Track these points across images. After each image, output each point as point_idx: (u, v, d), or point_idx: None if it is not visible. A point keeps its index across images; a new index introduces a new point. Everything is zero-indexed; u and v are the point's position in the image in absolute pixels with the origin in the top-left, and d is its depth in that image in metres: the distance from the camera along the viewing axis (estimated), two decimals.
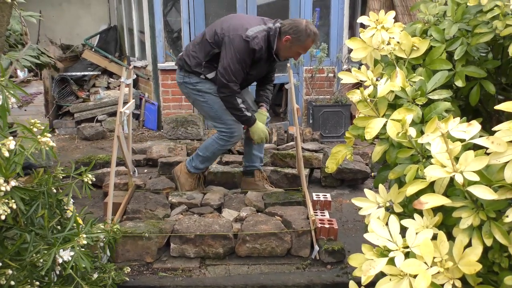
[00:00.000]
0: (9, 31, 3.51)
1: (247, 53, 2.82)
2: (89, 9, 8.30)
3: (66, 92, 6.01)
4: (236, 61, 2.81)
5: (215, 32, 2.90)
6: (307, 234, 2.63)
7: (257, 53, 2.84)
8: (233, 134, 3.05)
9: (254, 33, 2.83)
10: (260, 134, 3.06)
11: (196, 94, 3.05)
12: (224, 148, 3.14)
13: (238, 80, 2.87)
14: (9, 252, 1.42)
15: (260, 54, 2.86)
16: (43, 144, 1.43)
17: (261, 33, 2.85)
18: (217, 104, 3.00)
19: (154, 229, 2.61)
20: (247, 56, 2.83)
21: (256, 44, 2.80)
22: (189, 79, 3.03)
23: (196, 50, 2.99)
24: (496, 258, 1.10)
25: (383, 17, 1.46)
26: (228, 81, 2.84)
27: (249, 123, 3.02)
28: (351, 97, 1.39)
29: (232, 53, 2.81)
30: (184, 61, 3.02)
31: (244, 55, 2.82)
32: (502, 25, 1.36)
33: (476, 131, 1.06)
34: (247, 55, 2.82)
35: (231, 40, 2.81)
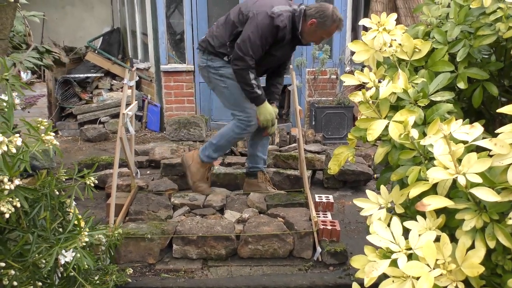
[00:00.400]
0: (13, 32, 3.53)
1: (269, 30, 2.76)
2: (92, 11, 8.33)
3: (69, 94, 6.03)
4: (256, 35, 2.76)
5: (239, 11, 2.88)
6: (310, 236, 2.63)
7: (281, 32, 2.78)
8: (250, 123, 3.01)
9: (280, 10, 2.78)
10: (267, 115, 2.98)
11: (218, 79, 3.02)
12: (239, 136, 3.10)
13: (255, 56, 2.80)
14: (11, 253, 1.43)
15: (284, 33, 2.80)
16: (47, 142, 1.44)
17: (286, 13, 2.79)
18: (237, 90, 2.95)
19: (156, 230, 2.61)
20: (269, 33, 2.77)
21: (281, 22, 2.75)
22: (212, 62, 2.99)
23: (220, 30, 2.95)
24: (499, 260, 1.09)
25: (385, 20, 1.46)
26: (244, 53, 2.77)
27: (258, 101, 2.94)
28: (353, 98, 1.39)
29: (254, 27, 2.76)
30: (207, 43, 2.98)
31: (267, 31, 2.76)
32: (505, 27, 1.35)
33: (479, 133, 1.06)
34: (270, 31, 2.77)
35: (256, 15, 2.77)
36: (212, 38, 2.97)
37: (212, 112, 5.53)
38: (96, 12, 8.32)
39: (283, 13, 2.77)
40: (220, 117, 5.51)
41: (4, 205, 1.32)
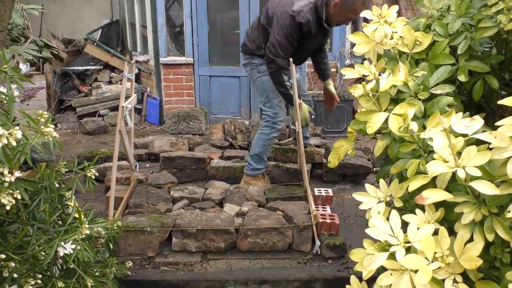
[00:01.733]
0: (11, 25, 3.51)
1: (293, 28, 2.88)
2: (91, 3, 8.28)
3: (68, 86, 6.02)
4: (282, 36, 2.89)
5: (266, 13, 3.05)
6: (309, 229, 2.64)
7: (305, 27, 2.89)
8: (277, 119, 3.17)
9: (299, 7, 2.89)
10: (305, 113, 3.17)
11: (256, 74, 3.22)
12: (270, 136, 3.22)
13: (286, 55, 2.93)
14: (11, 245, 1.43)
15: (308, 27, 2.91)
16: (47, 134, 1.43)
17: (307, 6, 2.90)
18: (270, 86, 3.13)
19: (156, 223, 2.61)
20: (293, 31, 2.89)
21: (302, 18, 2.86)
22: (253, 60, 3.21)
23: (254, 34, 3.17)
24: (498, 253, 1.09)
25: (386, 12, 1.45)
26: (275, 55, 2.92)
27: (292, 102, 3.09)
28: (353, 91, 1.38)
29: (279, 28, 2.90)
30: (246, 47, 3.22)
31: (291, 30, 2.88)
32: (507, 19, 1.34)
33: (479, 126, 1.05)
34: (294, 29, 2.89)
35: (279, 17, 2.91)
36: (250, 42, 3.20)
37: (212, 105, 5.52)
38: (95, 4, 8.28)
39: (303, 9, 2.89)
40: (219, 111, 5.51)
41: (5, 197, 1.32)
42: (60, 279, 1.56)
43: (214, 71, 5.42)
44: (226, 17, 5.34)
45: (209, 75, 5.42)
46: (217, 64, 5.42)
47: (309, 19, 2.89)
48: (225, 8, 5.33)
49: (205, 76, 5.44)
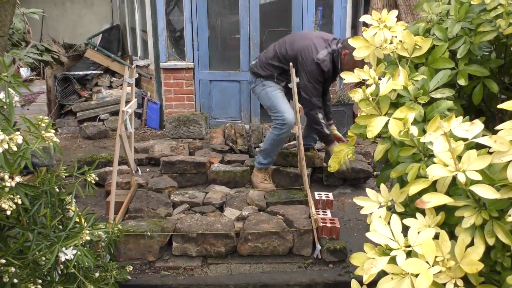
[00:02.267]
0: (12, 29, 3.52)
1: (319, 74, 3.25)
2: (92, 8, 8.32)
3: (68, 91, 6.03)
4: (312, 80, 3.26)
5: (286, 49, 3.36)
6: (309, 233, 2.63)
7: (326, 74, 3.27)
8: (284, 121, 3.29)
9: (323, 56, 3.23)
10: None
11: (260, 87, 3.47)
12: (279, 138, 3.36)
13: (318, 95, 3.32)
14: (12, 250, 1.43)
15: (328, 74, 3.28)
16: (47, 139, 1.44)
17: (328, 56, 3.25)
18: (274, 93, 3.39)
19: (156, 228, 2.61)
20: (319, 76, 3.26)
21: (325, 66, 3.22)
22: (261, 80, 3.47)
23: (268, 65, 3.43)
24: (499, 257, 1.09)
25: (385, 16, 1.46)
26: (310, 96, 3.28)
27: (326, 141, 3.48)
28: (353, 96, 1.38)
29: (307, 74, 3.25)
30: (257, 72, 3.48)
31: (317, 75, 3.25)
32: (506, 24, 1.35)
33: (479, 130, 1.05)
34: (319, 75, 3.25)
35: (305, 62, 3.24)
36: (262, 69, 3.45)
37: (212, 110, 5.52)
38: (96, 9, 8.31)
39: (326, 59, 3.24)
40: (220, 115, 5.51)
41: (6, 202, 1.32)
42: (61, 284, 1.56)
43: (214, 75, 5.43)
44: (226, 21, 5.36)
45: (209, 80, 5.43)
46: (217, 68, 5.43)
47: (329, 68, 3.25)
48: (225, 13, 5.34)
49: (205, 81, 5.45)
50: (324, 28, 5.35)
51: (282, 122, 3.29)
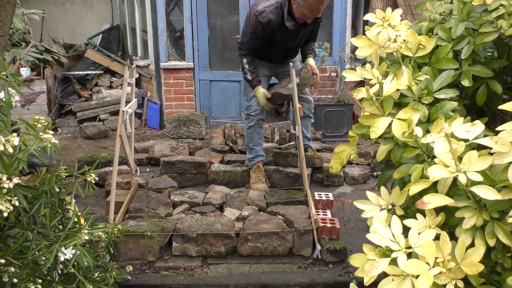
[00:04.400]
0: (12, 29, 3.52)
1: (255, 26, 3.12)
2: (92, 8, 8.31)
3: (68, 91, 6.03)
4: (247, 30, 3.21)
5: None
6: (309, 234, 2.63)
7: (267, 26, 3.09)
8: (250, 108, 3.39)
9: (263, 7, 3.09)
10: (260, 99, 3.30)
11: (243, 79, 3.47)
12: (250, 126, 3.45)
13: (247, 46, 3.23)
14: (11, 250, 1.43)
15: (271, 26, 3.09)
16: (46, 140, 1.43)
17: (271, 7, 3.08)
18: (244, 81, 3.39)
19: (156, 228, 2.61)
20: (255, 29, 3.13)
21: (263, 18, 3.07)
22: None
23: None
24: (499, 258, 1.09)
25: (389, 15, 1.45)
26: (240, 43, 3.27)
27: (251, 85, 3.31)
28: (356, 95, 1.37)
29: (246, 24, 3.23)
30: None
31: (253, 28, 3.14)
32: (507, 25, 1.34)
33: (480, 131, 1.05)
34: (255, 27, 3.13)
35: (248, 14, 3.22)
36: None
37: (212, 110, 5.52)
38: (96, 9, 8.31)
39: (265, 9, 3.07)
40: (219, 115, 5.51)
41: (3, 204, 1.31)
42: (60, 284, 1.56)
43: (214, 75, 5.43)
44: (226, 22, 5.36)
45: (209, 80, 5.43)
46: (217, 68, 5.43)
47: (270, 19, 3.06)
48: (225, 13, 5.34)
49: (205, 81, 5.45)
50: (324, 28, 5.35)
51: (249, 109, 3.41)
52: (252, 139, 3.50)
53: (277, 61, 3.48)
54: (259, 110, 3.40)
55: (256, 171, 3.47)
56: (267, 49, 3.31)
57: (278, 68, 3.53)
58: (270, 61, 3.46)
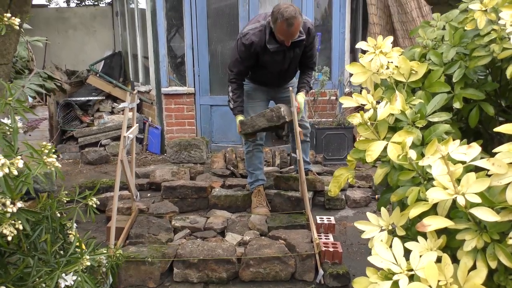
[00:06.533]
0: (16, 57, 3.58)
1: (240, 49, 3.14)
2: (95, 35, 8.46)
3: (70, 117, 6.08)
4: (233, 54, 3.24)
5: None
6: (312, 258, 2.61)
7: (251, 48, 3.10)
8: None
9: (247, 30, 3.13)
10: (238, 128, 3.25)
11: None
12: (248, 151, 3.47)
13: (235, 70, 3.23)
14: (12, 277, 1.42)
15: (254, 48, 3.10)
16: (49, 164, 1.45)
17: (256, 29, 3.10)
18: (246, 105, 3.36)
19: (157, 253, 2.59)
20: (240, 52, 3.15)
21: (246, 40, 3.09)
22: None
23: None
24: (502, 280, 1.09)
25: (381, 42, 1.49)
26: (228, 68, 3.28)
27: (233, 113, 3.33)
28: (352, 120, 1.40)
29: (233, 48, 3.27)
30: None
31: (239, 51, 3.16)
32: (499, 49, 1.38)
33: (476, 153, 1.07)
34: (240, 50, 3.14)
35: (237, 38, 3.23)
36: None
37: (213, 134, 5.55)
38: (99, 36, 8.46)
39: (249, 32, 3.11)
40: (220, 139, 5.53)
41: (7, 228, 1.32)
42: None
43: (215, 100, 5.48)
44: (226, 47, 5.44)
45: (210, 105, 5.48)
46: (218, 93, 5.48)
47: (252, 41, 3.07)
48: (226, 39, 5.43)
49: (206, 106, 5.50)
50: (323, 52, 5.44)
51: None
52: (251, 164, 3.50)
53: (272, 85, 3.46)
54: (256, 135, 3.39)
55: (257, 195, 3.46)
56: (259, 72, 3.32)
57: (276, 93, 3.52)
58: (266, 85, 3.46)
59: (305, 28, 3.14)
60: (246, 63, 3.20)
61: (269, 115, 3.07)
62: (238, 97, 3.28)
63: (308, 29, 3.16)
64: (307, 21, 3.19)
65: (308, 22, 3.20)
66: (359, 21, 5.76)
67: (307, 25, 3.16)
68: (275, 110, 3.07)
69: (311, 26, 3.21)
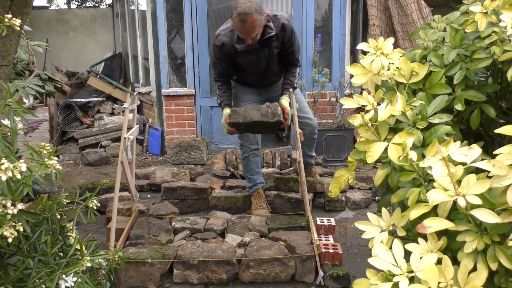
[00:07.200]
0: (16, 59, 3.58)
1: (214, 51, 3.16)
2: (95, 37, 8.47)
3: (70, 118, 6.08)
4: (212, 57, 3.27)
5: None
6: (312, 259, 2.61)
7: (223, 48, 3.08)
8: (242, 139, 3.38)
9: (219, 30, 3.13)
10: (222, 120, 3.18)
11: None
12: (244, 157, 3.46)
13: (216, 70, 3.27)
14: (12, 278, 1.42)
15: (225, 48, 3.08)
16: (50, 166, 1.45)
17: (225, 30, 3.08)
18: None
19: (157, 255, 2.59)
20: (215, 53, 3.16)
21: (217, 41, 3.09)
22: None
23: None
24: (502, 282, 1.08)
25: (382, 44, 1.49)
26: (213, 68, 3.36)
27: (220, 107, 3.27)
28: (352, 121, 1.40)
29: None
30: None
31: (214, 53, 3.18)
32: (500, 51, 1.38)
33: (477, 155, 1.07)
34: (215, 52, 3.16)
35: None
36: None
37: (213, 136, 5.55)
38: (99, 38, 8.46)
39: (221, 32, 3.10)
40: (220, 140, 5.53)
41: (7, 230, 1.32)
42: None
43: (215, 101, 5.45)
44: None
45: (210, 106, 5.48)
46: None
47: (223, 42, 3.05)
48: None
49: (206, 107, 5.50)
50: (324, 54, 5.44)
51: (240, 143, 3.42)
52: (248, 169, 3.48)
53: (259, 86, 3.38)
54: (250, 140, 3.37)
55: (257, 197, 3.46)
56: (240, 73, 3.29)
57: (269, 94, 3.42)
58: (253, 86, 3.38)
59: (279, 24, 3.03)
60: (223, 63, 3.18)
61: (264, 110, 3.00)
62: (224, 92, 3.24)
63: (282, 24, 3.04)
64: (282, 16, 3.08)
65: (283, 18, 3.07)
66: (359, 23, 5.77)
67: (281, 21, 3.04)
68: (272, 106, 3.00)
69: (286, 22, 3.07)
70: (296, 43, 3.21)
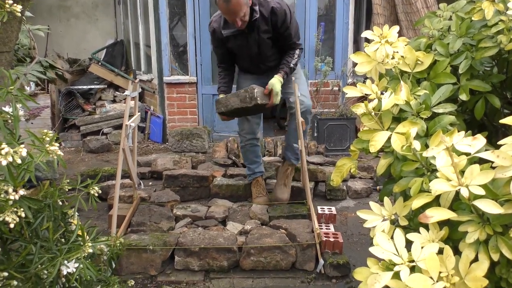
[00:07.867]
0: (18, 45, 3.56)
1: (211, 36, 3.18)
2: (97, 24, 8.42)
3: (72, 105, 6.07)
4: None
5: None
6: (312, 248, 2.62)
7: (216, 35, 3.11)
8: (239, 127, 3.45)
9: (213, 17, 3.16)
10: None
11: None
12: (242, 146, 3.49)
13: (218, 58, 3.32)
14: (14, 263, 1.42)
15: (217, 34, 3.10)
16: (52, 152, 1.44)
17: (216, 16, 3.11)
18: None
19: (158, 241, 2.60)
20: (211, 39, 3.22)
21: (210, 27, 3.13)
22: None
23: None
24: (504, 273, 1.08)
25: (387, 32, 1.47)
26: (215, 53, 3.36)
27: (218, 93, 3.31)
28: (355, 110, 1.39)
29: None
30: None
31: (211, 38, 3.22)
32: (507, 40, 1.36)
33: (481, 145, 1.06)
34: (211, 38, 3.22)
35: None
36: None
37: (215, 124, 5.55)
38: (100, 25, 8.41)
39: (212, 19, 3.14)
40: (222, 129, 5.53)
41: (9, 215, 1.32)
42: None
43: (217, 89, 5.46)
44: None
45: (212, 94, 5.47)
46: None
47: (214, 28, 3.08)
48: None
49: (208, 95, 5.49)
50: (326, 43, 5.40)
51: (238, 131, 3.47)
52: (246, 158, 3.51)
53: (257, 72, 3.27)
54: (247, 129, 3.37)
55: (256, 185, 3.47)
56: (238, 60, 3.29)
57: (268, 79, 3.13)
58: (251, 73, 3.32)
59: (268, 7, 2.94)
60: (219, 50, 3.21)
61: (242, 95, 2.94)
62: (223, 78, 3.26)
63: (271, 8, 2.94)
64: (271, 0, 2.98)
65: (273, 1, 2.97)
66: (363, 12, 5.72)
67: (271, 4, 2.94)
68: (248, 90, 2.92)
69: (276, 5, 2.94)
70: (293, 26, 3.09)
